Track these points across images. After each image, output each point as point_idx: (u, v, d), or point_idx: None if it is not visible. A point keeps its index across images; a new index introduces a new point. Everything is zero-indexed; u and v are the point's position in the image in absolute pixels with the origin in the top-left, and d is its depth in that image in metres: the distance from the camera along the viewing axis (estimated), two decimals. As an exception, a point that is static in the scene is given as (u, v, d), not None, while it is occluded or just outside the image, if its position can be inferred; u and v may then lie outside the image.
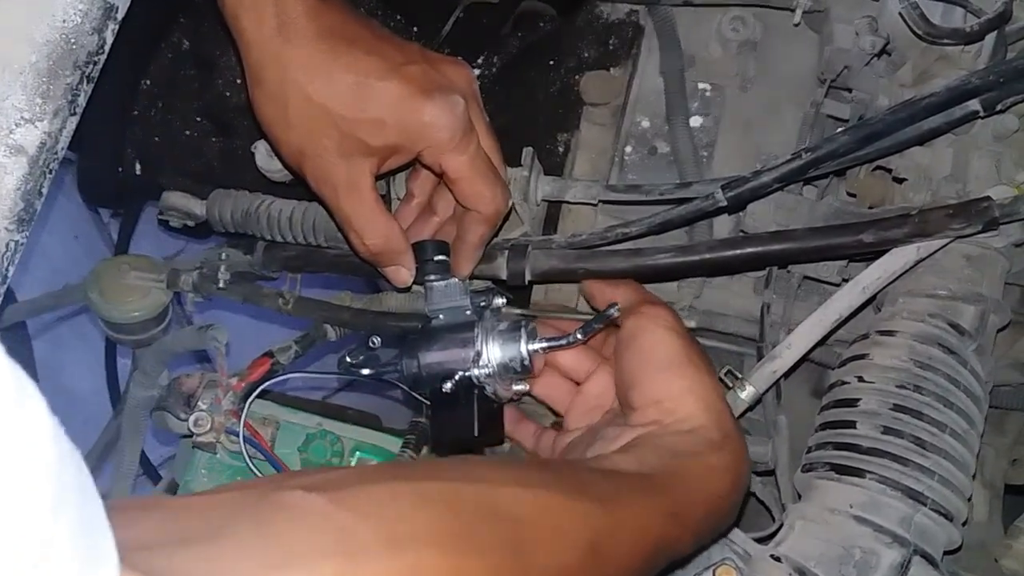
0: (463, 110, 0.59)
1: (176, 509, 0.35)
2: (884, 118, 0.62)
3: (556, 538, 0.42)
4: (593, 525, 0.44)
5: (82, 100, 0.55)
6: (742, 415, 0.66)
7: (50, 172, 0.53)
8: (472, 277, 0.68)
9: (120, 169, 0.90)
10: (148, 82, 0.91)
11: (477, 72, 0.85)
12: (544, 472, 0.49)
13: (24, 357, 1.02)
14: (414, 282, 0.66)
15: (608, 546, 0.44)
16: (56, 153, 0.54)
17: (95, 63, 0.55)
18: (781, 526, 0.60)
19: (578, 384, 0.66)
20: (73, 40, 0.54)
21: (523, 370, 0.63)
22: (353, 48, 0.58)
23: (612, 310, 0.61)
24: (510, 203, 0.66)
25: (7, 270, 0.52)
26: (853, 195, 0.69)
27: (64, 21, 0.54)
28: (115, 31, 0.56)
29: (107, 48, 0.56)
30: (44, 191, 0.53)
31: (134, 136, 0.90)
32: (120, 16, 0.56)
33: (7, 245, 0.51)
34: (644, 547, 0.47)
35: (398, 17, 0.87)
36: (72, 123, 0.55)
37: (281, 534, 0.33)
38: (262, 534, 0.33)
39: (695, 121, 0.72)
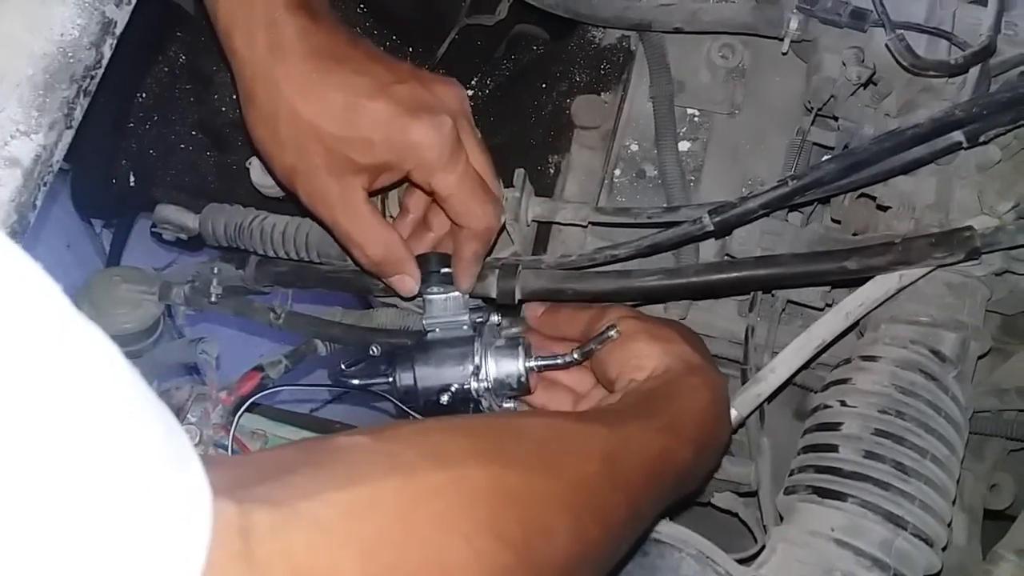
0: (450, 129, 0.60)
1: (234, 464, 0.39)
2: (869, 147, 0.63)
3: (575, 452, 0.47)
4: (604, 442, 0.49)
5: (78, 114, 0.56)
6: (726, 437, 0.67)
7: (44, 185, 0.54)
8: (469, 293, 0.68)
9: (114, 181, 0.90)
10: (144, 95, 0.91)
11: (470, 93, 0.86)
12: (550, 411, 0.58)
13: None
14: (418, 293, 0.66)
15: (620, 459, 0.49)
16: (51, 166, 0.54)
17: (92, 77, 0.56)
18: (763, 548, 0.61)
19: (581, 395, 0.67)
20: (71, 54, 0.54)
21: (519, 387, 0.64)
22: (343, 68, 0.59)
23: (612, 332, 0.61)
24: (503, 219, 0.67)
25: (-1, 281, 0.52)
26: (838, 221, 0.71)
27: (62, 35, 0.54)
28: (113, 46, 0.56)
29: (105, 62, 0.56)
30: (38, 204, 0.53)
31: (129, 148, 0.91)
32: (118, 31, 0.57)
33: None
34: (651, 460, 0.52)
35: (394, 38, 0.88)
36: (68, 136, 0.55)
37: (337, 466, 0.36)
38: (320, 469, 0.35)
39: (683, 146, 0.73)
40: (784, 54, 0.71)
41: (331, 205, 0.62)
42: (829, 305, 0.67)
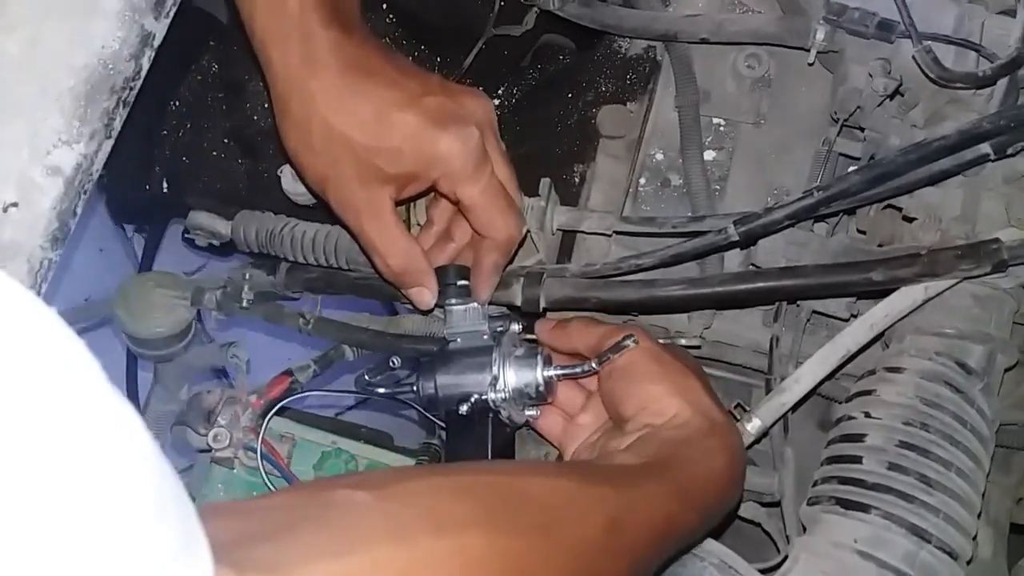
0: (477, 141, 0.61)
1: (237, 513, 0.38)
2: (896, 159, 0.63)
3: (579, 518, 0.46)
4: (610, 506, 0.48)
5: (118, 124, 0.57)
6: (749, 447, 0.67)
7: (85, 193, 0.55)
8: (488, 303, 0.69)
9: (148, 187, 0.92)
10: (177, 103, 0.93)
11: (497, 102, 0.87)
12: (561, 464, 0.56)
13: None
14: (436, 305, 0.67)
15: (625, 525, 0.48)
16: (91, 175, 0.56)
17: (131, 88, 0.57)
18: (785, 558, 0.61)
19: (571, 416, 0.67)
20: (111, 66, 0.56)
21: (538, 396, 0.65)
22: (375, 80, 0.61)
23: (628, 341, 0.62)
24: (524, 231, 0.68)
25: (40, 287, 0.54)
26: (863, 232, 0.70)
27: (103, 47, 0.56)
28: (151, 57, 0.58)
29: (143, 74, 0.58)
30: (79, 211, 0.55)
31: (162, 155, 0.93)
32: (157, 43, 0.58)
33: (41, 262, 0.53)
34: (657, 526, 0.51)
35: (422, 47, 0.89)
36: (108, 146, 0.57)
37: (336, 527, 0.36)
38: (319, 529, 0.35)
39: (708, 155, 0.73)
40: (810, 65, 0.71)
41: (359, 213, 0.63)
42: (854, 316, 0.67)
